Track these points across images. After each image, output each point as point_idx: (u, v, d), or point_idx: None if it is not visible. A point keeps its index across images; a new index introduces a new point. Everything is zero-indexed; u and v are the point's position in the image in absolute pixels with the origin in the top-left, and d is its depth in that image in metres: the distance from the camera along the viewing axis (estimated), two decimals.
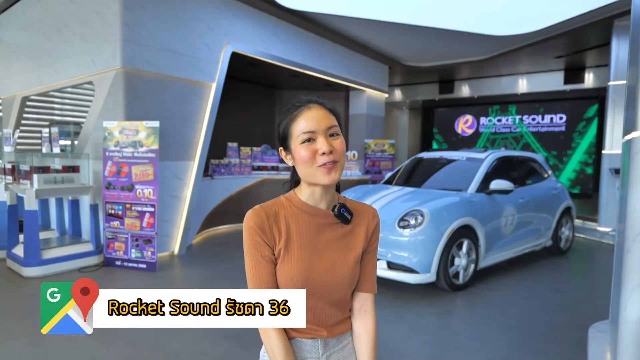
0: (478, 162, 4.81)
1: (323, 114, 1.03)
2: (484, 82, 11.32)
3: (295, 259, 1.02)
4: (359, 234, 1.10)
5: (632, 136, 2.05)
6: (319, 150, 0.99)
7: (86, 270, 4.67)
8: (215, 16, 5.72)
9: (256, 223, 1.04)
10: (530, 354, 2.86)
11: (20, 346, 2.86)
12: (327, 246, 1.05)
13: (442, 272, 3.93)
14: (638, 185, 1.96)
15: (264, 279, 1.03)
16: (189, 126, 5.55)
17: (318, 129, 1.00)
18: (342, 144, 1.03)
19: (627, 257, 2.01)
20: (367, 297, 1.14)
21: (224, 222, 7.19)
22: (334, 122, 1.04)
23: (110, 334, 3.07)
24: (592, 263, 5.54)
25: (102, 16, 4.91)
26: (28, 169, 4.74)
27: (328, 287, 1.04)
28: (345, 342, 1.14)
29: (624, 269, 2.03)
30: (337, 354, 1.11)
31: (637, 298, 1.96)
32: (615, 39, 6.71)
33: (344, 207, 1.07)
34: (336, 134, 1.03)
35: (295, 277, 1.01)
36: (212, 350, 2.82)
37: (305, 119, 1.01)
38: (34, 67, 6.34)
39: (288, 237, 1.04)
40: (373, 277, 1.15)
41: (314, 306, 1.05)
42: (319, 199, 1.07)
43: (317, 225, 1.06)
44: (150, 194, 4.72)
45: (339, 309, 1.10)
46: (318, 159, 1.00)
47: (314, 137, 1.00)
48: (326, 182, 1.00)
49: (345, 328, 1.13)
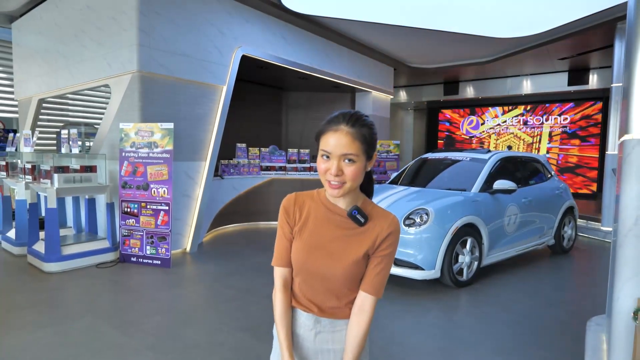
0: (482, 162, 4.94)
1: (345, 141, 1.10)
2: (489, 83, 11.42)
3: (303, 240, 1.21)
4: (367, 237, 1.18)
5: (625, 138, 2.18)
6: (330, 170, 1.12)
7: (103, 266, 4.86)
8: (227, 21, 5.90)
9: (284, 205, 1.27)
10: (531, 347, 3.00)
11: (48, 336, 3.04)
12: (332, 239, 1.19)
13: (446, 269, 4.07)
14: (629, 184, 2.09)
15: (281, 249, 1.26)
16: (201, 127, 5.73)
17: (334, 153, 1.11)
18: (355, 170, 1.11)
19: (620, 252, 2.14)
20: (366, 297, 1.18)
21: (233, 221, 7.37)
22: (354, 150, 1.10)
23: (131, 325, 3.25)
24: (593, 262, 5.65)
25: (119, 22, 5.10)
26: (48, 169, 4.95)
27: (322, 274, 1.19)
28: (339, 328, 1.24)
29: (617, 262, 2.17)
30: (328, 335, 1.24)
31: (628, 290, 2.10)
32: (618, 41, 6.81)
33: (357, 210, 1.17)
34: (352, 161, 1.10)
35: (299, 255, 1.21)
36: (228, 341, 2.99)
37: (328, 139, 1.12)
38: (50, 70, 6.56)
39: (305, 222, 1.23)
40: (377, 281, 1.18)
41: (312, 285, 1.22)
42: (338, 199, 1.21)
43: (330, 219, 1.21)
44: (165, 192, 4.90)
45: (334, 297, 1.21)
46: (327, 175, 1.13)
47: (330, 156, 1.12)
48: (330, 194, 1.17)
49: (341, 315, 1.22)
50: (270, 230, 7.30)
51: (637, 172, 2.06)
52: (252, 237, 6.79)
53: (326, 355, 1.24)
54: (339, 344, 1.23)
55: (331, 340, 1.24)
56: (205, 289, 4.22)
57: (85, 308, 3.58)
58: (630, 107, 2.14)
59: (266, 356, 2.74)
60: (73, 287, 4.16)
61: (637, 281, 2.08)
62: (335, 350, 1.24)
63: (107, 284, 4.28)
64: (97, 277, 4.49)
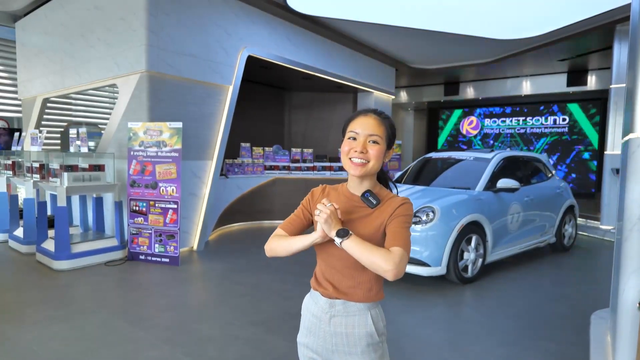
0: (485, 161, 5.03)
1: (373, 123, 1.27)
2: (489, 84, 11.53)
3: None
4: (379, 216, 1.27)
5: (630, 137, 2.27)
6: (355, 148, 1.25)
7: (112, 264, 4.92)
8: (233, 22, 5.97)
9: (314, 191, 1.43)
10: (536, 340, 3.08)
11: (64, 330, 3.10)
12: (350, 223, 1.28)
13: (452, 266, 4.16)
14: (634, 181, 2.18)
15: (288, 220, 1.41)
16: (208, 127, 5.80)
17: (361, 132, 1.26)
18: (378, 151, 1.25)
19: (625, 246, 2.23)
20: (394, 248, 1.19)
21: (238, 220, 7.44)
22: (380, 132, 1.26)
23: (146, 320, 3.31)
24: (594, 259, 5.75)
25: (128, 22, 5.17)
26: (57, 168, 5.00)
27: (338, 254, 1.28)
28: (353, 311, 1.29)
29: (622, 256, 2.25)
30: (341, 319, 1.30)
31: (634, 282, 2.19)
32: (617, 43, 6.92)
33: (369, 192, 1.27)
34: (376, 142, 1.26)
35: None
36: (242, 334, 3.06)
37: (358, 121, 1.29)
38: (56, 70, 6.60)
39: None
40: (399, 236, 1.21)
41: (331, 263, 1.32)
42: (356, 187, 1.33)
43: (349, 206, 1.31)
44: (174, 191, 4.96)
45: (351, 277, 1.29)
46: (351, 153, 1.26)
47: (357, 137, 1.27)
48: (352, 173, 1.28)
49: (356, 297, 1.29)
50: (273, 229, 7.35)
51: None
52: (257, 235, 6.86)
53: (339, 338, 1.31)
54: (352, 329, 1.29)
55: (344, 324, 1.30)
56: (215, 286, 4.29)
57: (98, 304, 3.64)
58: (635, 107, 2.22)
59: (280, 348, 2.83)
60: (84, 284, 4.22)
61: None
62: (348, 334, 1.29)
63: (117, 281, 4.34)
64: (107, 274, 4.54)
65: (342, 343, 1.31)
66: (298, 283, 4.30)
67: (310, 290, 1.43)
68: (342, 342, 1.31)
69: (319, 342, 1.34)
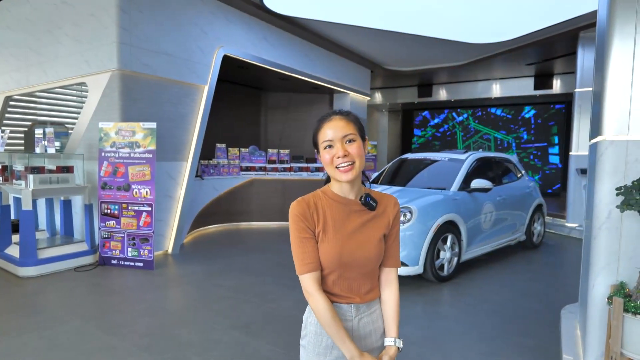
0: (459, 162, 5.16)
1: (341, 124, 1.25)
2: (461, 86, 11.85)
3: (331, 239, 1.25)
4: (382, 218, 1.32)
5: (598, 139, 2.39)
6: (336, 155, 1.23)
7: (82, 270, 4.73)
8: (210, 20, 5.87)
9: (299, 212, 1.26)
10: (512, 335, 3.19)
11: (34, 340, 2.96)
12: (356, 229, 1.29)
13: (429, 265, 4.25)
14: (603, 182, 2.30)
15: (308, 253, 1.25)
16: (183, 127, 5.67)
17: (335, 138, 1.23)
18: (358, 148, 1.25)
19: (594, 243, 2.34)
20: (391, 270, 1.38)
21: (214, 222, 7.31)
22: (351, 130, 1.25)
23: (122, 327, 3.20)
24: (561, 255, 6.02)
25: (98, 18, 4.98)
26: (22, 169, 4.76)
27: (359, 262, 1.28)
28: (374, 308, 1.36)
29: (591, 253, 2.37)
30: (367, 318, 1.34)
31: (603, 278, 2.30)
32: (581, 49, 7.27)
33: (369, 196, 1.30)
34: (352, 140, 1.24)
35: (331, 254, 1.25)
36: (224, 339, 3.01)
37: (327, 129, 1.25)
38: (20, 66, 6.29)
39: (325, 222, 1.27)
40: (396, 254, 1.38)
41: (349, 277, 1.29)
42: (347, 191, 1.29)
43: (347, 212, 1.30)
44: (148, 193, 4.82)
45: (369, 280, 1.33)
46: (335, 161, 1.23)
47: (333, 144, 1.24)
48: (343, 180, 1.25)
49: (374, 296, 1.35)
50: (251, 231, 7.30)
51: (610, 170, 2.27)
52: (234, 237, 6.77)
53: (369, 337, 1.33)
54: (377, 323, 1.36)
55: (371, 321, 1.34)
56: (194, 289, 4.20)
57: (70, 311, 3.49)
58: (602, 111, 2.34)
59: (263, 351, 2.80)
60: (53, 291, 4.04)
61: (609, 270, 2.28)
62: (375, 330, 1.35)
63: (89, 287, 4.18)
64: (77, 280, 4.37)
65: (371, 339, 1.35)
66: (279, 285, 4.27)
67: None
68: (371, 338, 1.35)
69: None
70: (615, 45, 2.25)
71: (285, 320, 3.36)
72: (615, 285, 2.22)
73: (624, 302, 2.04)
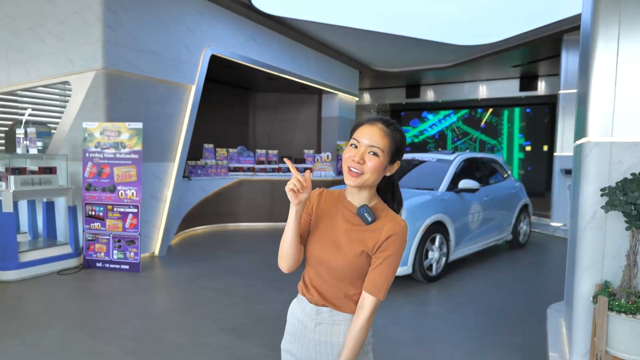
0: (447, 163, 5.21)
1: (377, 133, 1.20)
2: (448, 87, 11.98)
3: (318, 233, 1.30)
4: (371, 236, 1.22)
5: (582, 141, 2.43)
6: (353, 157, 1.20)
7: (66, 273, 4.63)
8: (197, 19, 5.80)
9: (312, 195, 1.35)
10: (500, 333, 3.23)
11: (17, 346, 2.87)
12: (341, 232, 1.27)
13: (417, 265, 4.27)
14: (587, 183, 2.33)
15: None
16: (170, 127, 5.60)
17: (363, 142, 1.20)
18: (376, 164, 1.18)
19: (579, 243, 2.38)
20: (366, 295, 1.21)
21: (202, 223, 7.24)
22: (382, 144, 1.19)
23: (107, 331, 3.14)
24: (546, 254, 6.12)
25: (82, 16, 4.88)
26: (2, 170, 4.63)
27: (328, 264, 1.26)
28: (338, 321, 1.27)
29: (577, 252, 2.41)
30: (327, 327, 1.28)
31: (588, 277, 2.34)
32: (565, 51, 7.42)
33: (365, 208, 1.23)
34: (376, 154, 1.18)
35: (313, 246, 1.30)
36: (212, 342, 2.98)
37: (363, 129, 1.22)
38: (1, 64, 6.12)
39: (321, 214, 1.32)
40: (377, 281, 1.21)
41: (320, 272, 1.29)
42: (354, 196, 1.28)
43: (343, 214, 1.29)
44: (134, 195, 4.74)
45: (336, 287, 1.26)
46: (349, 162, 1.21)
47: (358, 145, 1.21)
48: (346, 182, 1.24)
49: (341, 306, 1.26)
50: (239, 232, 7.24)
51: (594, 172, 2.31)
52: (222, 238, 6.71)
53: (324, 347, 1.28)
54: (337, 338, 1.26)
55: (330, 332, 1.27)
56: (181, 292, 4.14)
57: (54, 316, 3.41)
58: (587, 113, 2.38)
59: (252, 354, 2.77)
60: (36, 295, 3.94)
61: (595, 269, 2.32)
62: (332, 343, 1.26)
63: (73, 291, 4.08)
64: (61, 284, 4.27)
65: (326, 352, 1.28)
66: (267, 287, 4.24)
67: (298, 295, 1.39)
68: (326, 350, 1.28)
69: (302, 349, 1.32)
70: (599, 47, 2.29)
71: (273, 322, 3.34)
72: (600, 284, 2.26)
73: (608, 301, 2.08)
